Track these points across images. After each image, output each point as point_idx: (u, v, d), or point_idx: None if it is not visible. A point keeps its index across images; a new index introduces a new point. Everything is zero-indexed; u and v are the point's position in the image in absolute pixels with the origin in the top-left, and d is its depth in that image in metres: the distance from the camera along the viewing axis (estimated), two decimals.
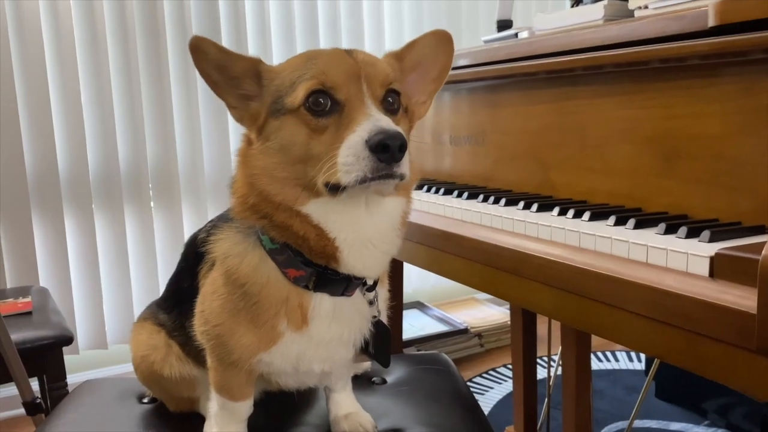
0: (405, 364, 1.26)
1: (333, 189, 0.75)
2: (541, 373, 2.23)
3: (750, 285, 0.71)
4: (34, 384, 1.78)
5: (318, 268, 0.82)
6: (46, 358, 1.71)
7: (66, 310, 2.49)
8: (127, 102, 2.56)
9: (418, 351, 2.77)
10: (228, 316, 0.85)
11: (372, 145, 0.71)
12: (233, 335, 0.85)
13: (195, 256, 0.93)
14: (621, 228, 0.95)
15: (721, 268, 0.75)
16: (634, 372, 2.74)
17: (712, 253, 0.76)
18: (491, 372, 2.80)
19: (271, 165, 0.79)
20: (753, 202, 0.89)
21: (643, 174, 1.06)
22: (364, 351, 0.90)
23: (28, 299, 1.97)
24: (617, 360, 2.85)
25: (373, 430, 1.01)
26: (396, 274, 1.78)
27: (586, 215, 1.03)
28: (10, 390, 2.38)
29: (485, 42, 1.60)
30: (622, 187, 1.10)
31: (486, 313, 3.23)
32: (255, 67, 0.82)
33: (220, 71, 0.81)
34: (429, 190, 1.48)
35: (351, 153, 0.72)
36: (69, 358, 1.92)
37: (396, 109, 0.81)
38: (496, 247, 1.10)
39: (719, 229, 0.84)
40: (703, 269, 0.77)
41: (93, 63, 2.49)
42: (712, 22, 0.90)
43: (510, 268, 1.07)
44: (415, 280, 3.28)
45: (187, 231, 2.71)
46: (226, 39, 2.69)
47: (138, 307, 2.63)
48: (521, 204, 1.17)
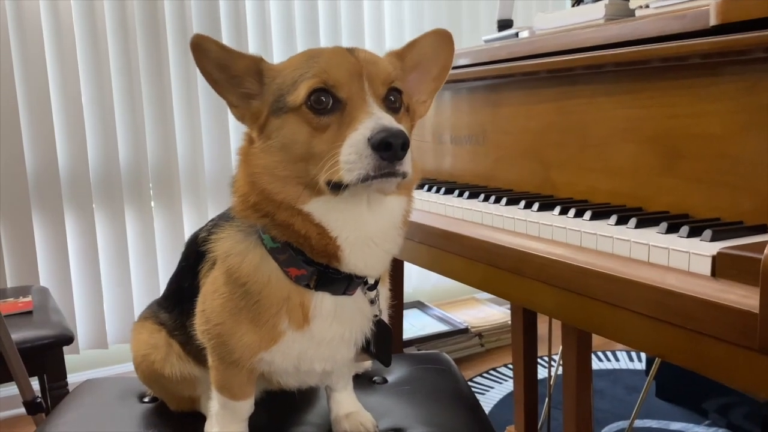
0: (406, 364, 1.26)
1: (335, 187, 0.75)
2: (541, 372, 2.23)
3: (752, 284, 0.71)
4: (35, 383, 1.78)
5: (319, 267, 0.82)
6: (47, 357, 1.71)
7: (66, 310, 2.49)
8: (128, 101, 2.56)
9: (419, 351, 2.77)
10: (229, 315, 0.85)
11: (374, 143, 0.71)
12: (234, 334, 0.85)
13: (196, 255, 0.93)
14: (622, 227, 0.95)
15: (723, 268, 0.75)
16: (635, 372, 2.74)
17: (714, 253, 0.76)
18: (492, 372, 2.80)
19: (272, 163, 0.79)
20: (755, 201, 0.89)
21: (644, 173, 1.06)
22: (366, 350, 0.89)
23: (28, 299, 1.97)
24: (618, 360, 2.85)
25: (374, 430, 1.01)
26: (396, 273, 1.78)
27: (588, 214, 1.03)
28: (11, 389, 2.38)
29: (486, 41, 1.60)
30: (623, 186, 1.10)
31: (486, 312, 3.23)
32: (256, 66, 0.82)
33: (221, 70, 0.81)
34: (430, 190, 1.48)
35: (353, 151, 0.72)
36: (69, 358, 1.92)
37: (398, 107, 0.81)
38: (497, 246, 1.10)
39: (721, 229, 0.84)
40: (705, 268, 0.77)
41: (93, 62, 2.49)
42: (713, 21, 0.90)
43: (511, 268, 1.07)
44: (415, 280, 3.28)
45: (188, 230, 2.71)
46: (226, 38, 2.68)
47: (138, 307, 2.63)
48: (522, 203, 1.17)
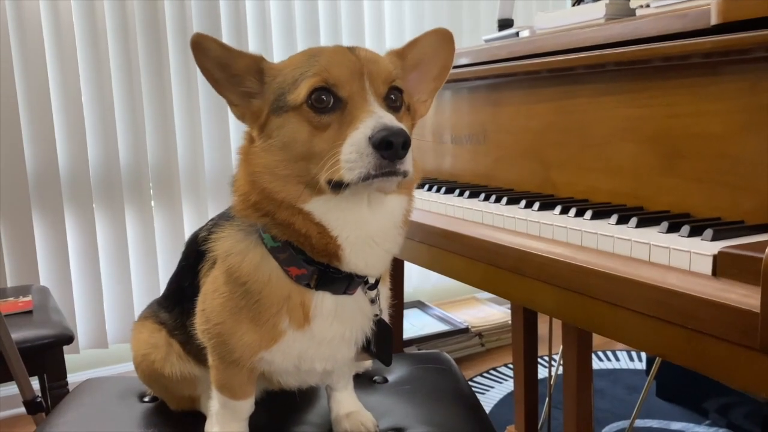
0: (406, 363, 1.26)
1: (336, 186, 0.74)
2: (542, 372, 2.22)
3: (753, 283, 0.70)
4: (35, 383, 1.78)
5: (320, 267, 0.82)
6: (47, 357, 1.71)
7: (66, 309, 2.49)
8: (128, 100, 2.56)
9: (419, 350, 2.77)
10: (229, 315, 0.85)
11: (375, 142, 0.71)
12: (234, 334, 0.85)
13: (196, 254, 0.93)
14: (623, 227, 0.95)
15: (723, 267, 0.75)
16: (635, 371, 2.73)
17: (715, 252, 0.76)
18: (492, 371, 2.80)
19: (273, 162, 0.79)
20: (755, 200, 0.89)
21: (645, 173, 1.05)
22: (366, 350, 0.89)
23: (28, 298, 1.97)
24: (618, 359, 2.85)
25: (375, 429, 1.01)
26: (397, 273, 1.78)
27: (588, 214, 1.02)
28: (11, 389, 2.38)
29: (486, 41, 1.60)
30: (624, 185, 1.09)
31: (487, 312, 3.23)
32: (257, 65, 0.82)
33: (221, 69, 0.81)
34: (430, 189, 1.47)
35: (354, 150, 0.72)
36: (69, 357, 1.92)
37: (398, 106, 0.81)
38: (498, 245, 1.10)
39: (722, 228, 0.84)
40: (706, 268, 0.77)
41: (93, 61, 2.49)
42: (714, 21, 0.90)
43: (511, 267, 1.07)
44: (415, 280, 3.28)
45: (188, 229, 2.71)
46: (226, 38, 2.68)
47: (138, 306, 2.63)
48: (523, 203, 1.17)
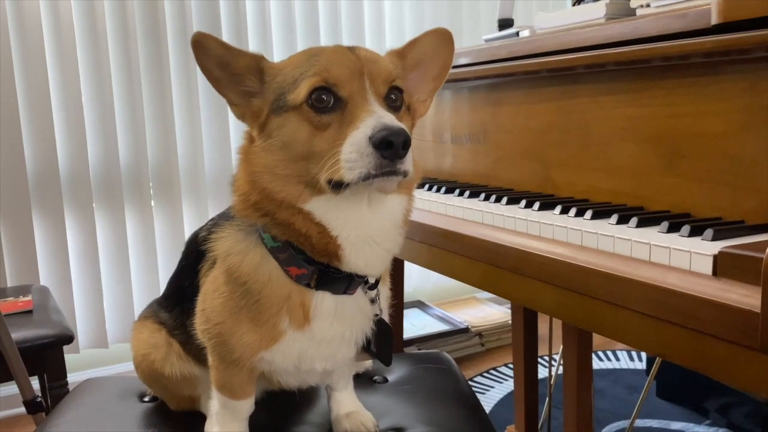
0: (406, 363, 1.26)
1: (336, 186, 0.74)
2: (542, 372, 2.22)
3: (753, 283, 0.70)
4: (35, 383, 1.78)
5: (320, 267, 0.82)
6: (47, 356, 1.71)
7: (66, 309, 2.49)
8: (128, 100, 2.56)
9: (419, 350, 2.77)
10: (229, 315, 0.85)
11: (375, 142, 0.71)
12: (234, 334, 0.85)
13: (196, 254, 0.93)
14: (623, 226, 0.94)
15: (724, 267, 0.75)
16: (635, 371, 2.73)
17: (716, 252, 0.76)
18: (492, 371, 2.80)
19: (273, 162, 0.79)
20: (756, 200, 0.89)
21: (645, 172, 1.05)
22: (366, 349, 0.89)
23: (28, 298, 1.97)
24: (618, 359, 2.85)
25: (375, 429, 1.01)
26: (397, 272, 1.77)
27: (588, 214, 1.02)
28: (11, 389, 2.38)
29: (486, 41, 1.60)
30: (624, 185, 1.09)
31: (487, 312, 3.23)
32: (257, 64, 0.82)
33: (222, 68, 0.81)
34: (430, 189, 1.47)
35: (354, 150, 0.72)
36: (69, 357, 1.92)
37: (399, 106, 0.81)
38: (498, 245, 1.10)
39: (722, 228, 0.84)
40: (707, 268, 0.77)
41: (93, 61, 2.49)
42: (714, 20, 0.89)
43: (512, 267, 1.07)
44: (415, 279, 3.28)
45: (188, 229, 2.71)
46: (226, 38, 2.68)
47: (138, 306, 2.63)
48: (523, 203, 1.17)
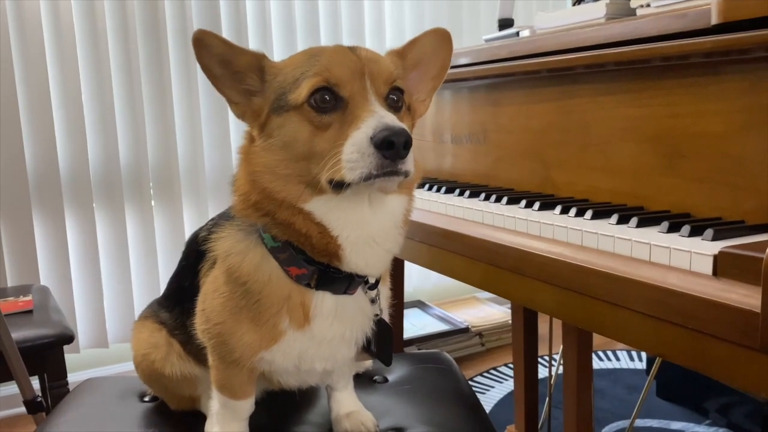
0: (406, 363, 1.26)
1: (337, 186, 0.74)
2: (542, 372, 2.23)
3: (754, 283, 0.70)
4: (35, 382, 1.78)
5: (320, 267, 0.82)
6: (47, 356, 1.71)
7: (67, 309, 2.49)
8: (128, 100, 2.56)
9: (419, 350, 2.77)
10: (229, 315, 0.85)
11: (377, 142, 0.71)
12: (234, 334, 0.85)
13: (196, 254, 0.93)
14: (623, 226, 0.94)
15: (724, 267, 0.75)
16: (635, 371, 2.73)
17: (716, 252, 0.76)
18: (492, 371, 2.80)
19: (273, 162, 0.79)
20: (756, 200, 0.89)
21: (645, 172, 1.05)
22: (366, 349, 0.89)
23: (28, 298, 1.97)
24: (618, 359, 2.85)
25: (375, 429, 1.01)
26: (397, 272, 1.77)
27: (589, 214, 1.02)
28: (11, 388, 2.38)
29: (486, 41, 1.60)
30: (624, 185, 1.09)
31: (487, 312, 3.23)
32: (259, 62, 0.82)
33: (222, 65, 0.81)
34: (431, 189, 1.47)
35: (355, 150, 0.72)
36: (70, 357, 1.92)
37: (399, 106, 0.81)
38: (498, 245, 1.10)
39: (722, 228, 0.84)
40: (707, 268, 0.77)
41: (94, 61, 2.49)
42: (714, 20, 0.89)
43: (512, 267, 1.07)
44: (415, 279, 3.28)
45: (188, 229, 2.71)
46: (226, 37, 2.67)
47: (139, 306, 2.63)
48: (523, 202, 1.17)
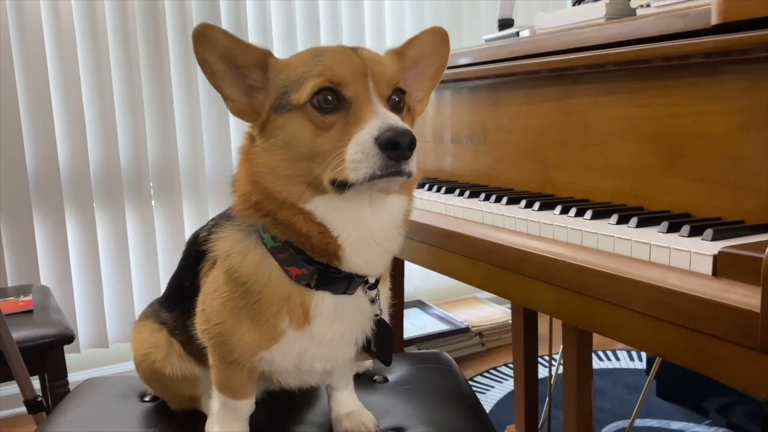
0: (406, 363, 1.26)
1: (339, 186, 0.74)
2: (542, 372, 2.23)
3: (753, 283, 0.70)
4: (35, 382, 1.78)
5: (320, 267, 0.82)
6: (47, 356, 1.71)
7: (67, 309, 2.50)
8: (128, 100, 2.56)
9: (419, 350, 2.77)
10: (229, 315, 0.85)
11: (382, 143, 0.71)
12: (234, 334, 0.85)
13: (196, 254, 0.93)
14: (623, 226, 0.95)
15: (724, 267, 0.75)
16: (635, 371, 2.74)
17: (715, 252, 0.76)
18: (492, 371, 2.80)
19: (274, 162, 0.79)
20: (756, 200, 0.89)
21: (645, 172, 1.05)
22: (366, 349, 0.89)
23: (29, 298, 1.97)
24: (618, 359, 2.85)
25: (375, 429, 1.01)
26: (397, 272, 1.77)
27: (589, 214, 1.02)
28: (12, 388, 2.38)
29: (486, 41, 1.60)
30: (624, 185, 1.09)
31: (487, 312, 3.23)
32: (264, 58, 0.82)
33: (225, 60, 0.80)
34: (431, 189, 1.47)
35: (360, 150, 0.72)
36: (70, 357, 1.92)
37: (401, 107, 0.82)
38: (498, 245, 1.10)
39: (722, 228, 0.84)
40: (707, 268, 0.77)
41: (94, 61, 2.49)
42: (714, 20, 0.89)
43: (512, 267, 1.07)
44: (416, 279, 3.28)
45: (188, 229, 2.71)
46: None
47: (139, 306, 2.63)
48: (523, 203, 1.17)
